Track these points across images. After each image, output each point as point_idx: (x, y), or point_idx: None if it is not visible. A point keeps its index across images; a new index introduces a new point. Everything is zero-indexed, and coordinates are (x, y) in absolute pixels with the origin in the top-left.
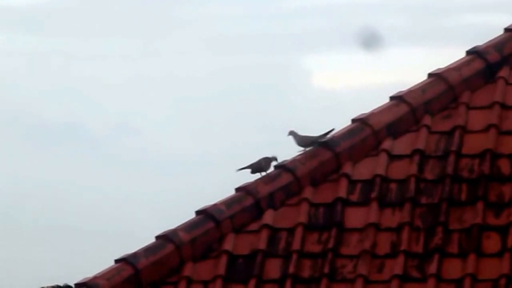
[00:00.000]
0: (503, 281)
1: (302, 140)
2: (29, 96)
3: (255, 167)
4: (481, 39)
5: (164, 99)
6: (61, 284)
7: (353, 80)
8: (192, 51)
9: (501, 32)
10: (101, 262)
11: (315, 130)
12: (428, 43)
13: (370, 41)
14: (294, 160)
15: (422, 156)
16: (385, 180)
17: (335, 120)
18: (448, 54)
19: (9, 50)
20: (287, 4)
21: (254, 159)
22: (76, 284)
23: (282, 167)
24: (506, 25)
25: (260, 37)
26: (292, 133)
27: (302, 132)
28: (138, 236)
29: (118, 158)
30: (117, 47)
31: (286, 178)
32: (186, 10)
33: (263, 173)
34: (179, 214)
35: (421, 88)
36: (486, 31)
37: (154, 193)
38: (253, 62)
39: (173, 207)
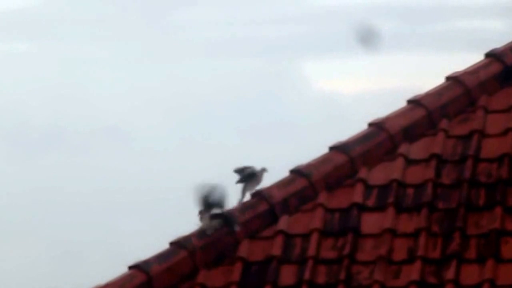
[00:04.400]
0: None
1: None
2: (13, 99)
3: (246, 176)
4: (476, 44)
5: (157, 103)
6: None
7: (353, 85)
8: (187, 56)
9: (496, 37)
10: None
11: (313, 133)
12: (426, 48)
13: (368, 38)
14: (308, 165)
15: (439, 160)
16: (402, 185)
17: (335, 124)
18: (448, 59)
19: None
20: (285, 8)
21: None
22: None
23: (297, 172)
24: (502, 29)
25: (257, 42)
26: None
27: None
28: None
29: (106, 163)
30: (108, 51)
31: (300, 183)
32: (180, 14)
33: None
34: (175, 222)
35: (438, 92)
36: (483, 36)
37: (148, 201)
38: (250, 67)
39: (172, 215)
